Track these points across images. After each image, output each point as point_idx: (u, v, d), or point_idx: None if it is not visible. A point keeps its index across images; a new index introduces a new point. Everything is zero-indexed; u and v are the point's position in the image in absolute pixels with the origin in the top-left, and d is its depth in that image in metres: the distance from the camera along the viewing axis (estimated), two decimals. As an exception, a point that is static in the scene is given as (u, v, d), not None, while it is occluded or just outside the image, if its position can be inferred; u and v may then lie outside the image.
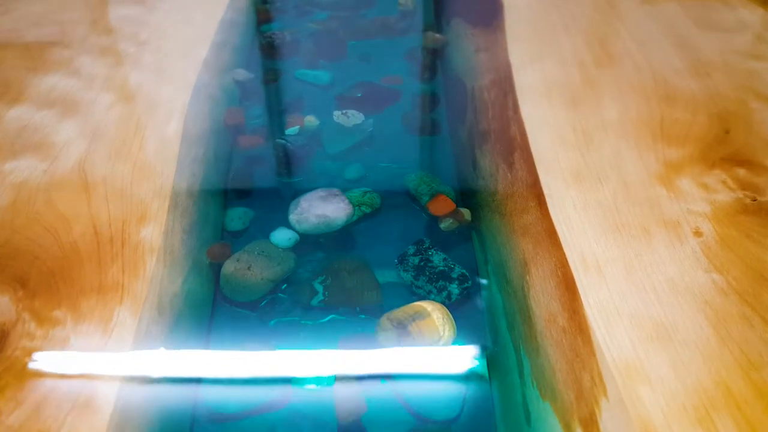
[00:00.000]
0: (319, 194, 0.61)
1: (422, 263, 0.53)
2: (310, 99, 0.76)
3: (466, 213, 0.56)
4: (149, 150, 0.67)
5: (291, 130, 0.70)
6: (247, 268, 0.54)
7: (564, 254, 0.55)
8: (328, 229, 0.57)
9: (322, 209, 0.60)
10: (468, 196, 0.61)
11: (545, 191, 0.62)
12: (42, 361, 0.45)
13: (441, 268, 0.52)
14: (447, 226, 0.56)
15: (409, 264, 0.52)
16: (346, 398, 0.44)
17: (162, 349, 0.46)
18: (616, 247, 0.55)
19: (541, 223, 0.58)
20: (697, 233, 0.57)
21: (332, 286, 0.52)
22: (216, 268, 0.51)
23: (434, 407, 0.43)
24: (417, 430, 0.41)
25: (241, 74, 0.76)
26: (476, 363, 0.44)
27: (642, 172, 0.65)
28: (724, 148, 0.68)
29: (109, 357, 0.46)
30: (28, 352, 0.46)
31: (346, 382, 0.45)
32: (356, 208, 0.60)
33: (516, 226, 0.57)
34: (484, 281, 0.50)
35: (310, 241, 0.55)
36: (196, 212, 0.59)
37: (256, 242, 0.57)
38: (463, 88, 0.77)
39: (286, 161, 0.65)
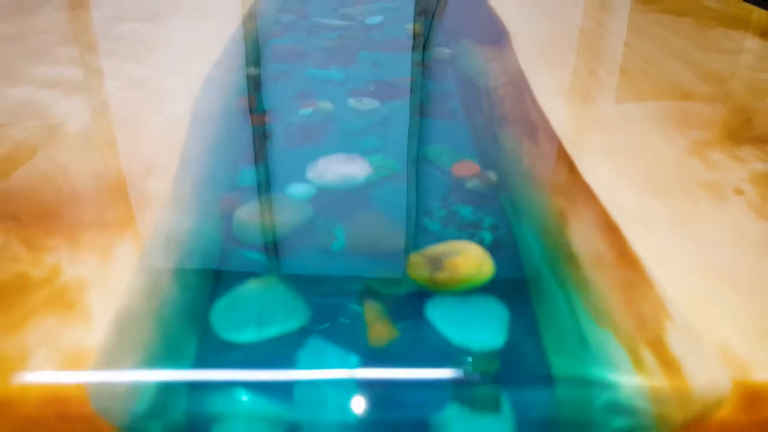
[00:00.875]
0: (338, 157, 0.58)
1: (449, 216, 0.49)
2: (323, 91, 0.74)
3: (493, 174, 0.53)
4: (158, 121, 0.64)
5: (304, 111, 0.68)
6: (262, 214, 0.50)
7: (603, 208, 0.51)
8: (348, 186, 0.53)
9: (341, 167, 0.56)
10: (492, 165, 0.58)
11: (575, 160, 0.59)
12: (29, 280, 0.40)
13: (470, 219, 0.48)
14: (473, 186, 0.53)
15: (436, 215, 0.48)
16: (377, 323, 0.39)
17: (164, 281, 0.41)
18: (658, 202, 0.52)
19: (576, 184, 0.55)
20: (739, 192, 0.54)
21: (352, 233, 0.47)
22: (228, 216, 0.46)
23: (476, 337, 0.38)
24: (458, 361, 0.36)
25: (253, 71, 0.75)
26: (518, 297, 0.40)
27: (673, 149, 0.62)
28: (750, 131, 0.67)
29: (107, 283, 0.40)
30: (14, 276, 0.41)
31: (375, 308, 0.40)
32: (376, 170, 0.56)
33: (547, 186, 0.53)
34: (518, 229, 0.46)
35: (328, 196, 0.51)
36: (207, 170, 0.55)
37: (271, 194, 0.52)
38: (476, 87, 0.76)
39: (300, 135, 0.62)
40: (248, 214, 0.46)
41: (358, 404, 0.36)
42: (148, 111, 0.67)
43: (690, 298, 0.40)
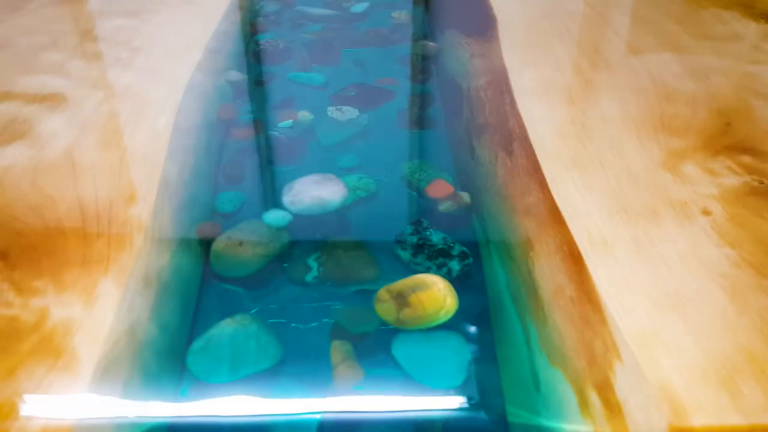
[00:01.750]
0: (314, 179, 0.59)
1: (421, 242, 0.51)
2: (303, 97, 0.75)
3: (466, 196, 0.55)
4: (140, 139, 0.66)
5: (285, 123, 0.69)
6: (239, 244, 0.52)
7: (569, 232, 0.53)
8: (323, 210, 0.55)
9: (316, 191, 0.58)
10: (467, 184, 0.59)
11: (547, 176, 0.61)
12: (19, 326, 0.42)
13: (440, 246, 0.50)
14: (446, 208, 0.54)
15: (407, 243, 0.50)
16: (344, 366, 0.41)
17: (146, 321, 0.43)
18: (623, 225, 0.53)
19: (544, 204, 0.56)
20: (706, 212, 0.55)
21: (327, 264, 0.49)
22: (206, 245, 0.48)
23: (438, 376, 0.40)
24: (420, 398, 0.39)
25: (235, 75, 0.75)
26: (479, 332, 0.42)
27: (645, 159, 0.63)
28: (726, 138, 0.67)
29: (91, 326, 0.43)
30: (5, 320, 0.43)
31: (342, 351, 0.42)
32: (351, 191, 0.58)
33: (518, 207, 0.55)
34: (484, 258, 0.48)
35: (304, 222, 0.53)
36: (186, 194, 0.57)
37: (247, 222, 0.54)
38: (458, 89, 0.76)
39: (279, 151, 0.63)
40: (224, 245, 0.47)
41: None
42: (131, 126, 0.68)
43: (640, 333, 0.42)
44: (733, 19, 1.03)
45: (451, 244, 0.49)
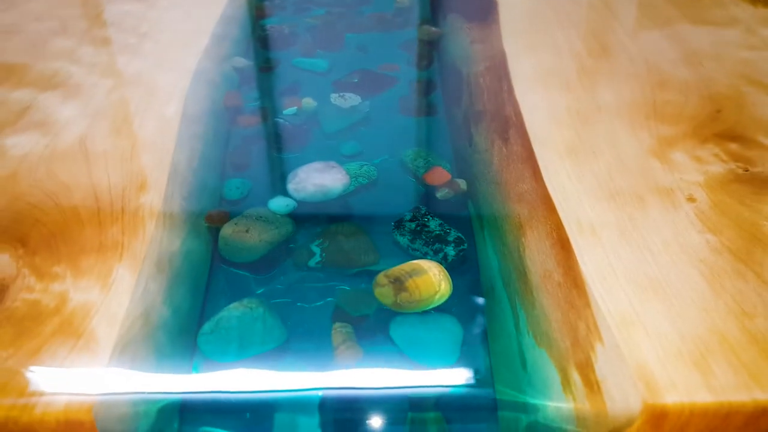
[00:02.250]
0: (317, 166, 0.62)
1: (419, 228, 0.53)
2: (307, 84, 0.77)
3: (462, 183, 0.57)
4: (149, 128, 0.68)
5: (289, 110, 0.71)
6: (246, 230, 0.54)
7: (559, 218, 0.55)
8: (326, 197, 0.57)
9: (319, 179, 0.61)
10: (464, 170, 0.62)
11: (540, 163, 0.63)
12: (41, 309, 0.46)
13: (437, 232, 0.53)
14: (443, 195, 0.57)
15: (406, 228, 0.52)
16: (344, 347, 0.44)
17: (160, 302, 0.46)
18: (611, 211, 0.56)
19: (536, 192, 0.59)
20: (691, 199, 0.58)
21: (329, 249, 0.52)
22: (214, 231, 0.51)
23: (432, 355, 0.43)
24: (415, 376, 0.42)
25: (240, 62, 0.77)
26: (472, 315, 0.45)
27: (636, 147, 0.66)
28: (716, 125, 0.70)
29: (108, 310, 0.46)
30: (28, 303, 0.46)
31: (342, 330, 0.45)
32: (353, 179, 0.60)
33: (511, 194, 0.57)
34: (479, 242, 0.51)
35: (307, 208, 0.56)
36: (195, 182, 0.60)
37: (254, 209, 0.57)
38: (458, 75, 0.78)
39: (283, 138, 0.65)
40: (232, 232, 0.50)
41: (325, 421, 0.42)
42: (140, 114, 0.71)
43: (621, 317, 0.45)
44: (731, 3, 1.04)
45: (448, 230, 0.52)
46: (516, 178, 0.60)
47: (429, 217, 0.55)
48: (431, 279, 0.48)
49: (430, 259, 0.48)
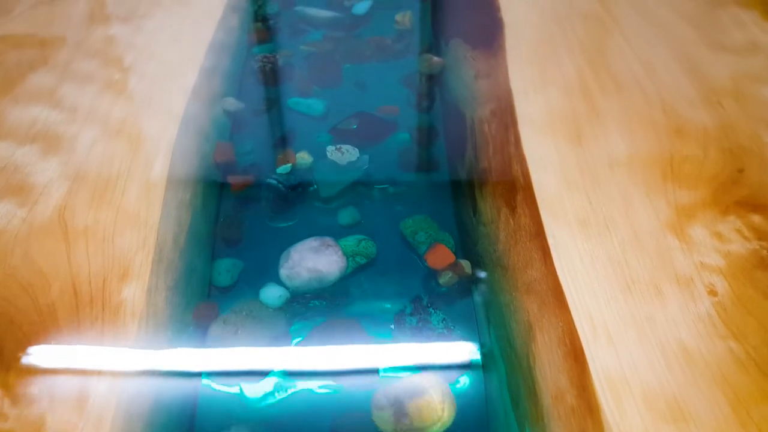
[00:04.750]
0: (311, 244, 0.58)
1: (420, 324, 0.50)
2: (303, 131, 0.72)
3: (467, 265, 0.53)
4: (133, 194, 0.64)
5: (282, 168, 0.67)
6: (235, 332, 0.51)
7: (571, 317, 0.51)
8: (321, 284, 0.54)
9: (314, 262, 0.57)
10: (468, 246, 0.58)
11: (550, 241, 0.59)
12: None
13: (440, 330, 0.49)
14: (446, 281, 0.53)
15: (407, 325, 0.49)
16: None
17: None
18: (627, 307, 0.52)
19: (547, 280, 0.55)
20: (712, 292, 0.54)
21: (325, 364, 0.49)
22: (203, 329, 0.48)
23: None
24: None
25: (232, 104, 0.72)
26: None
27: (652, 218, 0.62)
28: (738, 189, 0.65)
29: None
30: (0, 437, 0.43)
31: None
32: (350, 259, 0.56)
33: (519, 282, 0.54)
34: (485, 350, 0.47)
35: (301, 299, 0.52)
36: (182, 265, 0.56)
37: (244, 302, 0.54)
38: (462, 120, 0.73)
39: (277, 204, 0.61)
40: (221, 332, 0.47)
41: None
42: (124, 175, 0.67)
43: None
44: (751, 22, 0.98)
45: (452, 327, 0.48)
46: (524, 262, 0.56)
47: (431, 309, 0.51)
48: (433, 403, 0.45)
49: (433, 370, 0.45)
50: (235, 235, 0.55)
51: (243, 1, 1.03)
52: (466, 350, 0.46)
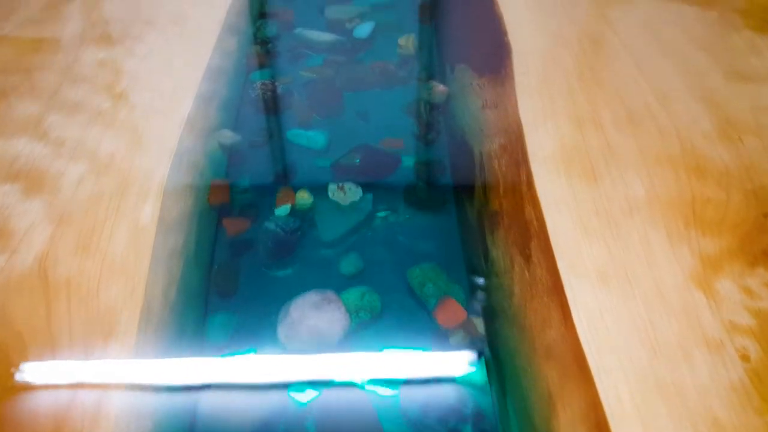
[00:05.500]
0: (312, 299, 0.54)
1: (428, 410, 0.46)
2: (303, 166, 0.68)
3: (479, 323, 0.49)
4: (121, 240, 0.60)
5: (281, 209, 0.63)
6: (228, 408, 0.47)
7: (595, 388, 0.47)
8: (321, 347, 0.50)
9: (315, 320, 0.53)
10: (480, 297, 0.54)
11: (569, 296, 0.55)
12: None
13: (454, 405, 0.45)
14: (457, 340, 0.49)
15: (413, 404, 0.45)
16: None
17: None
18: (653, 375, 0.48)
19: (567, 342, 0.51)
20: (744, 357, 0.50)
21: (325, 425, 0.45)
22: (194, 402, 0.44)
23: None
24: None
25: (228, 136, 0.68)
26: None
27: (676, 270, 0.58)
28: (765, 238, 0.62)
29: None
30: None
31: None
32: (353, 315, 0.52)
33: (537, 344, 0.50)
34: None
35: (301, 366, 0.48)
36: (172, 322, 0.52)
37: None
38: (469, 154, 0.69)
39: (275, 251, 0.57)
40: (212, 410, 0.43)
41: None
42: (112, 218, 0.63)
43: None
44: (767, 47, 0.95)
45: (464, 406, 0.44)
46: (542, 321, 0.52)
47: (442, 380, 0.47)
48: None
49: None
50: (231, 285, 0.51)
51: (241, 22, 0.99)
52: (482, 427, 0.42)
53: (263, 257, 0.57)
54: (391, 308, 0.53)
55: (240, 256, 0.53)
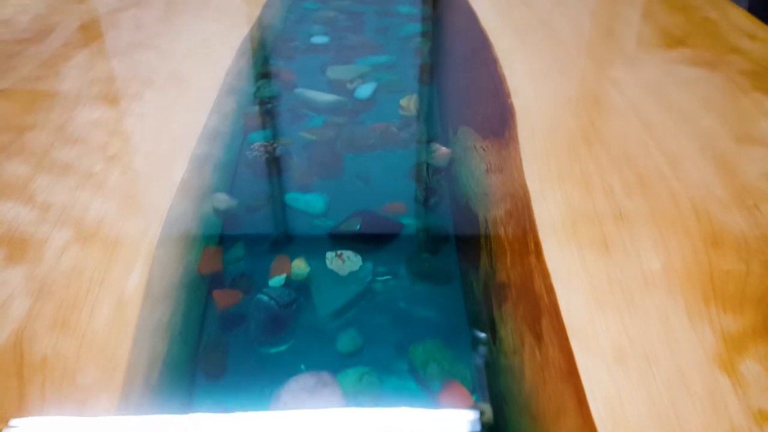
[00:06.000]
0: (306, 382, 0.50)
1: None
2: (300, 232, 0.65)
3: (487, 410, 0.45)
4: (103, 315, 0.56)
5: (276, 280, 0.59)
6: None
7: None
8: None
9: (308, 407, 0.48)
10: (488, 381, 0.50)
11: (585, 382, 0.51)
12: None
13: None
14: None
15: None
16: None
17: None
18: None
19: (584, 436, 0.47)
20: (780, 454, 0.45)
21: None
22: None
23: None
24: None
25: (223, 200, 0.66)
26: None
27: (698, 351, 0.54)
28: (789, 313, 0.58)
29: None
30: None
31: None
32: (351, 401, 0.48)
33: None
34: None
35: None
36: (152, 411, 0.48)
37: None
38: (474, 221, 0.66)
39: (268, 326, 0.54)
40: None
41: None
42: (94, 291, 0.59)
43: None
44: (777, 111, 0.93)
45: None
46: (556, 408, 0.48)
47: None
48: None
49: None
50: (219, 366, 0.48)
51: (241, 82, 0.98)
52: None
53: (255, 333, 0.53)
54: (392, 390, 0.49)
55: (230, 331, 0.50)
